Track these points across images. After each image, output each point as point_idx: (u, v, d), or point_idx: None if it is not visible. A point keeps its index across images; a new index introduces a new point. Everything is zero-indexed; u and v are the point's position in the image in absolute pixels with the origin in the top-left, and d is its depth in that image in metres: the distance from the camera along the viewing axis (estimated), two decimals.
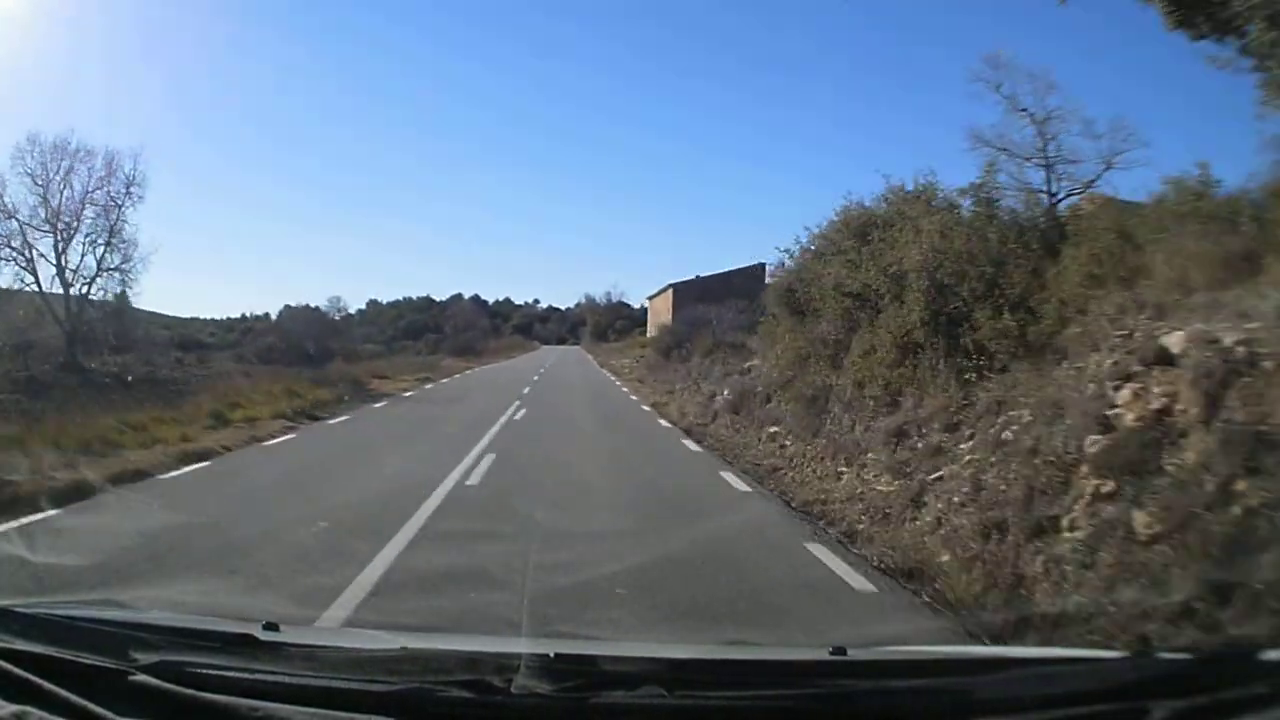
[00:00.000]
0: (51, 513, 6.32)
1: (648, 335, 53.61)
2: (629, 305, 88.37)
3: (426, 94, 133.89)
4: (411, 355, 47.21)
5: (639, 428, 13.87)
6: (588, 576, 4.30)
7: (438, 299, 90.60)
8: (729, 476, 8.57)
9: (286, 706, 1.22)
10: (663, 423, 14.25)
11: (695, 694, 1.29)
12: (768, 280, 16.84)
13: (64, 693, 1.21)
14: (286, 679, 1.31)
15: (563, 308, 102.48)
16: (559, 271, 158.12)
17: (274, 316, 50.19)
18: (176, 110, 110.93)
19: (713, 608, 4.13)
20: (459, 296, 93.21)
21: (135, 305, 28.99)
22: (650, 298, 60.06)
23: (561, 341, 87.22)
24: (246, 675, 1.31)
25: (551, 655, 1.32)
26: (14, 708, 1.18)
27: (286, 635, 1.54)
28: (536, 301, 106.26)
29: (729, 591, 4.40)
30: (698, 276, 46.48)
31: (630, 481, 8.36)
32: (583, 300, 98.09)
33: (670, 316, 42.98)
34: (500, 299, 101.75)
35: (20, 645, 1.34)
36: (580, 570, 4.35)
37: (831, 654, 1.51)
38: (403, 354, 48.26)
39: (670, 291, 48.18)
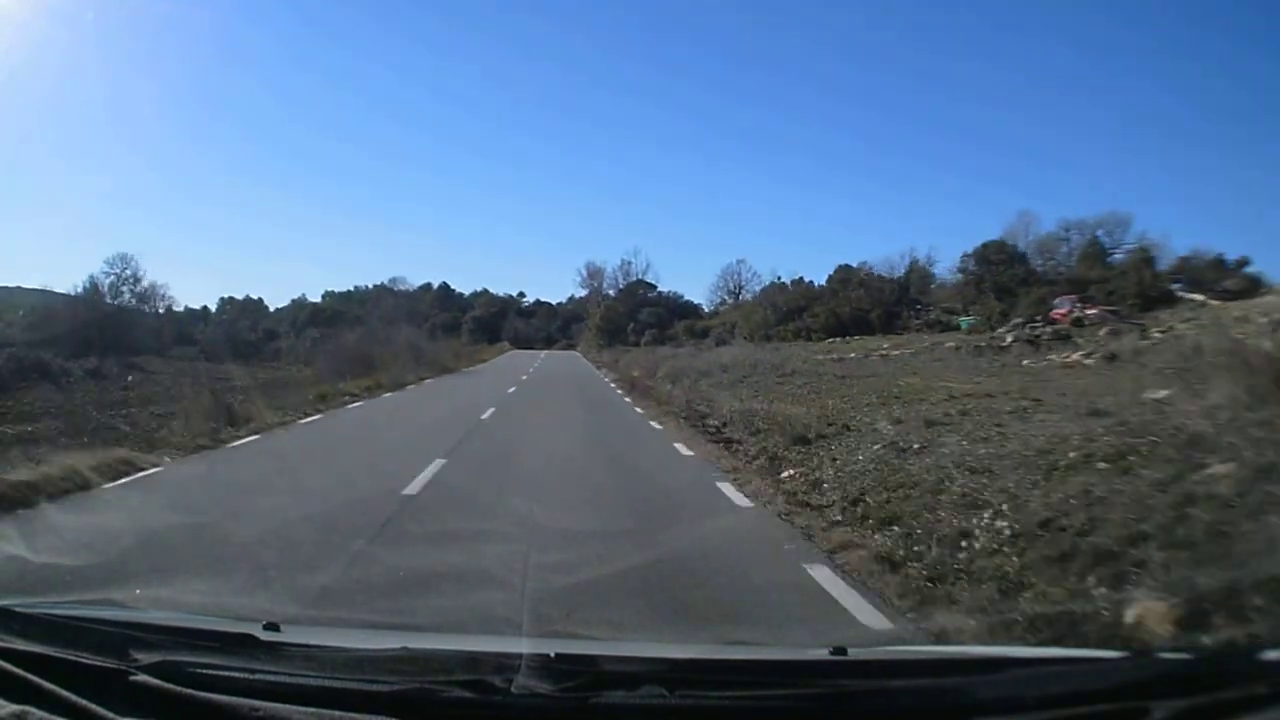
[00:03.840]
0: None
1: None
2: (653, 286, 60.45)
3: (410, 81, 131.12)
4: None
5: None
6: None
7: (397, 289, 74.92)
8: None
9: (287, 706, 1.22)
10: None
11: (695, 694, 1.29)
12: None
13: (64, 693, 1.21)
14: (287, 679, 1.31)
15: (554, 302, 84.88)
16: (555, 265, 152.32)
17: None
18: (172, 113, 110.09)
19: None
20: (428, 285, 79.25)
21: None
22: None
23: (550, 343, 64.42)
24: (246, 675, 1.31)
25: (552, 655, 1.32)
26: (14, 708, 1.18)
27: (287, 635, 1.53)
28: (521, 295, 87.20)
29: None
30: None
31: None
32: (583, 274, 62.03)
33: None
34: (477, 290, 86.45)
35: (20, 645, 1.34)
36: None
37: (831, 654, 1.51)
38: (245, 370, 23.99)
39: None
